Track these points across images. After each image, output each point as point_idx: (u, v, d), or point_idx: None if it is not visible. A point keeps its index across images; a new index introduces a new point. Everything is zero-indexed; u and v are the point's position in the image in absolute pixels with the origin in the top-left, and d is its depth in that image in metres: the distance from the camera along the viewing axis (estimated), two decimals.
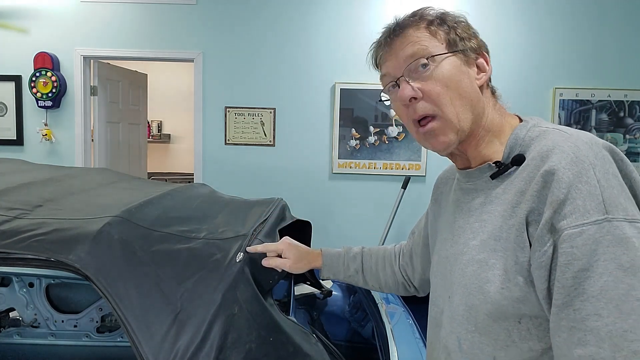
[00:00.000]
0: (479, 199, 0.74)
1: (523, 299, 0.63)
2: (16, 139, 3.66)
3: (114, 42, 3.60)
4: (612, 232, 0.56)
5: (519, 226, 0.64)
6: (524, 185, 0.65)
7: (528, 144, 0.69)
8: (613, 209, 0.57)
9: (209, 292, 0.89)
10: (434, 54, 0.71)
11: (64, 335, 1.87)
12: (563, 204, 0.58)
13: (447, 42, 0.73)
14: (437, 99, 0.71)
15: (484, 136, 0.74)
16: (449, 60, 0.72)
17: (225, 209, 1.32)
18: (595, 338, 0.55)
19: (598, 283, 0.55)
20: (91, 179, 1.49)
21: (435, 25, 0.73)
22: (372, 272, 1.10)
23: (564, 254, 0.57)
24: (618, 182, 0.60)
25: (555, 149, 0.63)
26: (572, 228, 0.57)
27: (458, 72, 0.72)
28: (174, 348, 0.83)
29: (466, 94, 0.72)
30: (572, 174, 0.59)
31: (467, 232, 0.73)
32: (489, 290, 0.66)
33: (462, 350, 0.71)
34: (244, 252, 1.00)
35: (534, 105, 3.50)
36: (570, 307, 0.57)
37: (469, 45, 0.74)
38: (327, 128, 3.60)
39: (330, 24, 3.54)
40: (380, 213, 3.54)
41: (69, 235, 0.92)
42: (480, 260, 0.68)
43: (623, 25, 3.45)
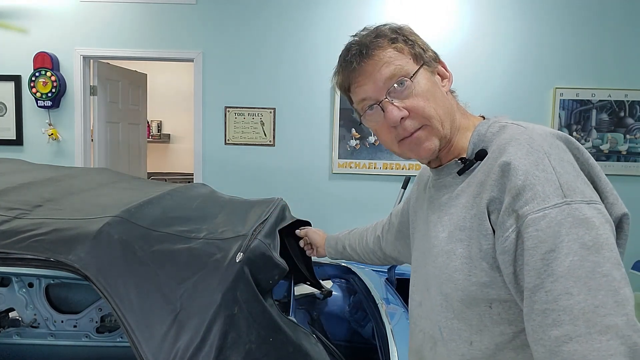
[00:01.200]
0: (448, 194, 0.77)
1: (490, 283, 0.66)
2: (16, 139, 3.65)
3: (114, 42, 3.60)
4: (572, 214, 0.58)
5: (480, 215, 0.67)
6: (484, 176, 0.69)
7: (490, 139, 0.72)
8: (571, 192, 0.60)
9: (208, 292, 0.89)
10: (410, 73, 0.74)
11: (64, 335, 1.87)
12: (522, 191, 0.61)
13: (413, 56, 0.76)
14: (423, 113, 0.74)
15: (454, 136, 0.79)
16: (421, 74, 0.75)
17: (225, 209, 1.32)
18: (569, 317, 0.56)
19: (565, 263, 0.57)
20: (91, 179, 1.49)
21: (399, 41, 0.76)
22: (353, 246, 1.31)
23: (530, 237, 0.59)
24: (573, 168, 0.63)
25: (512, 141, 0.66)
26: (534, 213, 0.59)
27: (431, 83, 0.76)
28: (173, 348, 0.83)
29: (442, 102, 0.76)
30: (528, 162, 0.62)
31: (438, 226, 0.76)
32: (458, 278, 0.69)
33: (444, 338, 0.75)
34: (243, 252, 1.00)
35: (534, 105, 3.50)
36: (541, 290, 0.58)
37: (429, 55, 0.78)
38: (327, 128, 3.60)
39: (330, 24, 3.54)
40: (380, 213, 3.53)
41: (68, 235, 0.92)
42: (448, 250, 0.71)
43: (623, 25, 3.45)
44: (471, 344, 0.70)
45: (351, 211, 3.65)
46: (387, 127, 0.76)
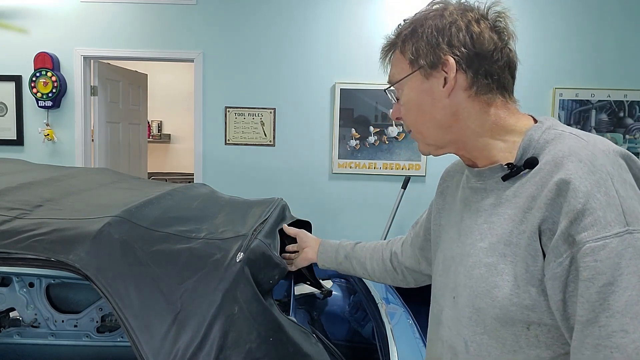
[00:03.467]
0: (489, 199, 0.71)
1: (533, 307, 0.62)
2: (16, 139, 3.66)
3: (114, 42, 3.60)
4: (633, 244, 0.54)
5: (530, 234, 0.62)
6: (536, 190, 0.63)
7: (542, 147, 0.66)
8: (633, 220, 0.56)
9: (209, 292, 0.89)
10: (396, 81, 0.75)
11: (64, 335, 1.87)
12: (582, 215, 0.56)
13: (410, 60, 0.73)
14: (405, 121, 0.77)
15: (477, 139, 0.72)
16: (409, 83, 0.74)
17: (225, 209, 1.32)
18: (622, 355, 0.53)
19: (623, 298, 0.54)
20: (91, 179, 1.49)
21: (407, 42, 0.73)
22: (360, 260, 1.13)
23: (587, 268, 0.55)
24: (635, 192, 0.58)
25: (571, 156, 0.60)
26: (594, 241, 0.55)
27: (417, 93, 0.73)
28: (174, 348, 0.83)
29: (427, 112, 0.73)
30: (589, 184, 0.57)
31: (475, 233, 0.71)
32: (497, 296, 0.65)
33: (469, 352, 0.71)
34: (244, 252, 1.00)
35: (534, 105, 3.50)
36: (595, 324, 0.55)
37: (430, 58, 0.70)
38: (327, 128, 3.61)
39: (330, 24, 3.54)
40: (380, 213, 3.54)
41: (69, 235, 0.92)
42: (488, 264, 0.67)
43: (623, 25, 3.45)
44: None
45: (351, 211, 3.65)
46: None
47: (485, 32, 0.69)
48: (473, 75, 0.70)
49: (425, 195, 3.59)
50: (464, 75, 0.70)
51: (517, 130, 0.71)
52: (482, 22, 0.70)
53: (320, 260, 1.18)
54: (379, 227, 3.44)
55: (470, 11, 0.71)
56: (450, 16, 0.70)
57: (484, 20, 0.70)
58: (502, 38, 0.70)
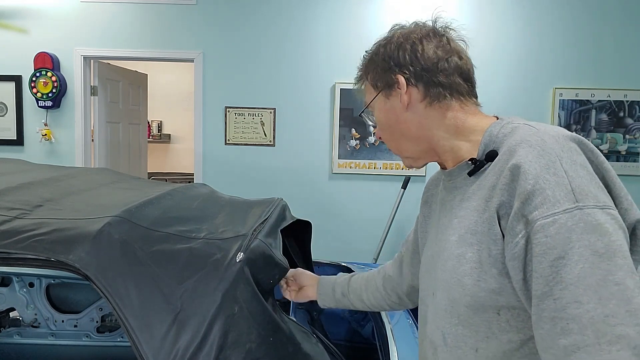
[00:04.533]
0: (458, 196, 0.76)
1: (499, 290, 0.65)
2: (16, 139, 3.66)
3: (114, 42, 3.60)
4: (584, 219, 0.57)
5: (490, 219, 0.65)
6: (495, 179, 0.67)
7: (501, 141, 0.70)
8: (583, 197, 0.58)
9: (209, 292, 0.89)
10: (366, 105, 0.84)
11: (64, 335, 1.87)
12: (532, 195, 0.59)
13: (373, 86, 0.83)
14: (383, 140, 0.85)
15: (443, 144, 0.78)
16: (376, 105, 0.83)
17: (225, 209, 1.32)
18: (577, 326, 0.55)
19: (575, 270, 0.55)
20: (91, 179, 1.49)
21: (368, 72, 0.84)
22: (357, 293, 1.12)
23: (538, 244, 0.58)
24: (586, 172, 0.61)
25: (522, 143, 0.65)
26: (544, 218, 0.58)
27: (383, 112, 0.81)
28: (174, 348, 0.83)
29: (395, 128, 0.81)
30: (538, 166, 0.60)
31: (449, 229, 0.75)
32: (467, 283, 0.68)
33: (447, 344, 0.73)
34: (244, 252, 1.00)
35: (534, 105, 3.51)
36: (550, 297, 0.57)
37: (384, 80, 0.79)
38: (327, 128, 3.61)
39: (330, 24, 3.54)
40: (380, 213, 3.54)
41: (69, 235, 0.92)
42: (458, 254, 0.70)
43: (623, 25, 3.45)
44: (477, 350, 0.69)
45: (351, 211, 3.65)
46: None
47: (428, 48, 0.77)
48: (424, 87, 0.77)
49: None
50: (416, 89, 0.77)
51: (479, 129, 0.76)
52: (424, 40, 0.77)
53: (321, 301, 1.17)
54: (379, 227, 3.44)
55: (413, 33, 0.79)
56: (396, 41, 0.79)
57: (426, 37, 0.78)
58: (446, 50, 0.77)
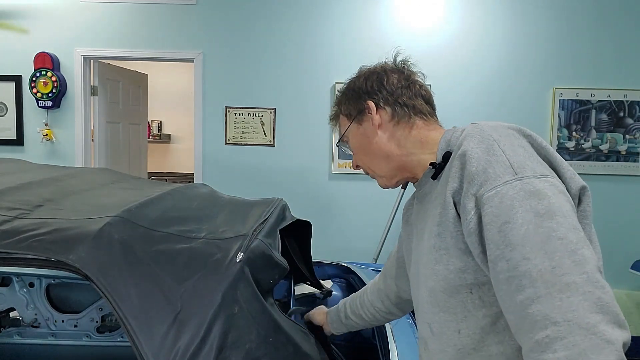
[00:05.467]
0: (429, 201, 0.82)
1: (464, 268, 0.70)
2: (16, 139, 3.66)
3: (114, 42, 3.60)
4: (524, 187, 0.63)
5: (448, 205, 0.71)
6: (448, 172, 0.74)
7: (454, 143, 0.78)
8: (521, 170, 0.65)
9: (209, 292, 0.89)
10: (340, 136, 0.95)
11: (64, 335, 1.87)
12: (476, 175, 0.66)
13: (347, 116, 0.93)
14: (360, 165, 0.94)
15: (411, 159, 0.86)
16: (351, 134, 0.93)
17: (225, 209, 1.32)
18: (529, 280, 0.59)
19: (520, 231, 0.60)
20: (91, 179, 1.49)
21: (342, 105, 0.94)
22: (357, 313, 1.18)
23: (486, 214, 0.64)
24: (524, 150, 0.68)
25: (467, 137, 0.73)
26: (488, 192, 0.64)
27: (357, 138, 0.91)
28: (174, 348, 0.83)
29: (369, 150, 0.89)
30: (479, 150, 0.68)
31: (425, 232, 0.80)
32: (439, 270, 0.73)
33: (433, 334, 0.78)
34: (244, 252, 1.00)
35: (534, 105, 3.50)
36: (502, 259, 0.62)
37: (355, 108, 0.90)
38: (327, 128, 3.60)
39: (330, 24, 3.54)
40: (380, 213, 3.54)
41: (69, 235, 0.92)
42: (430, 246, 0.75)
43: (623, 25, 3.45)
44: (459, 332, 0.73)
45: (351, 211, 3.65)
46: None
47: (392, 77, 0.89)
48: (391, 108, 0.87)
49: None
50: (384, 111, 0.87)
51: (437, 138, 0.84)
52: (388, 71, 0.90)
53: (335, 330, 1.22)
54: (379, 227, 3.44)
55: (378, 67, 0.92)
56: (364, 75, 0.92)
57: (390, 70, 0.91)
58: (407, 78, 0.89)
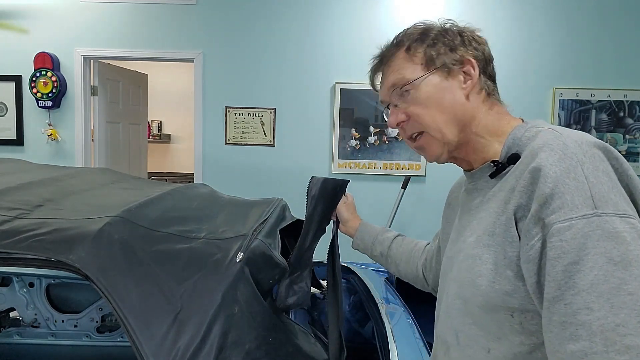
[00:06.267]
0: (479, 198, 0.76)
1: (512, 292, 0.64)
2: (16, 139, 3.66)
3: (114, 42, 3.60)
4: (601, 226, 0.56)
5: (507, 221, 0.65)
6: (515, 181, 0.67)
7: (525, 144, 0.70)
8: (602, 204, 0.57)
9: (209, 292, 0.89)
10: (410, 81, 0.77)
11: (64, 335, 1.87)
12: (550, 199, 0.59)
13: (425, 61, 0.77)
14: (419, 120, 0.78)
15: (479, 140, 0.77)
16: (426, 80, 0.77)
17: (225, 209, 1.32)
18: (587, 332, 0.54)
19: (588, 277, 0.55)
20: (91, 179, 1.49)
21: (413, 48, 0.78)
22: (395, 261, 1.16)
23: (553, 247, 0.57)
24: (609, 179, 0.60)
25: (544, 146, 0.64)
26: (560, 222, 0.57)
27: (437, 90, 0.76)
28: (174, 348, 0.83)
29: (448, 109, 0.76)
30: (559, 170, 0.60)
31: (467, 230, 0.75)
32: (481, 284, 0.67)
33: (459, 344, 0.73)
34: (244, 252, 1.00)
35: (534, 105, 3.50)
36: (561, 302, 0.56)
37: (450, 58, 0.77)
38: (327, 128, 3.61)
39: (331, 24, 3.54)
40: (380, 213, 3.54)
41: (69, 235, 0.92)
42: (474, 255, 0.70)
43: (623, 25, 3.45)
44: (489, 351, 0.68)
45: None
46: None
47: (482, 40, 0.79)
48: (484, 77, 0.78)
49: (426, 195, 3.59)
50: (479, 77, 0.77)
51: (507, 130, 0.76)
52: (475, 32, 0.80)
53: (355, 245, 1.22)
54: None
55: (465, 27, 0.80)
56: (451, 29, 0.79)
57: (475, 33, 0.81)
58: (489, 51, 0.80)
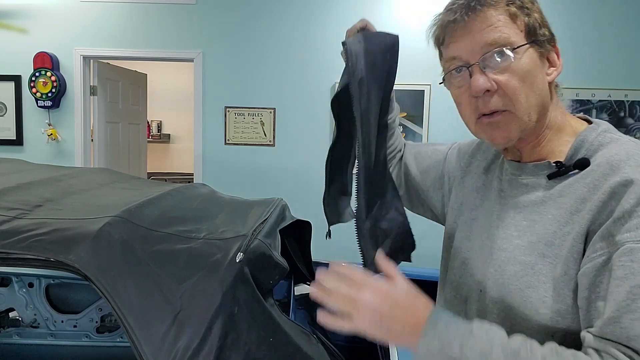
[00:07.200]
0: (529, 196, 0.68)
1: (565, 312, 0.60)
2: (16, 139, 3.65)
3: (114, 42, 3.60)
4: None
5: (576, 236, 0.59)
6: (587, 192, 0.61)
7: (596, 149, 0.64)
8: None
9: (209, 292, 0.89)
10: (515, 45, 0.64)
11: (64, 335, 1.87)
12: (628, 216, 0.54)
13: (527, 29, 0.66)
14: (512, 94, 0.65)
15: (543, 134, 0.70)
16: (528, 51, 0.66)
17: (225, 209, 1.32)
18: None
19: None
20: (91, 179, 1.49)
21: (516, 6, 0.66)
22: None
23: (622, 267, 0.53)
24: None
25: (629, 160, 0.59)
26: (634, 242, 0.53)
27: (535, 66, 0.67)
28: (173, 348, 0.83)
29: (539, 90, 0.67)
30: None
31: (511, 228, 0.68)
32: (530, 296, 0.62)
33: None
34: (244, 252, 1.00)
35: None
36: (617, 324, 0.52)
37: (544, 34, 0.68)
38: (327, 128, 3.60)
39: (331, 24, 3.54)
40: None
41: (69, 235, 0.92)
42: (524, 262, 0.64)
43: (624, 24, 3.44)
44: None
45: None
46: (469, 97, 0.68)
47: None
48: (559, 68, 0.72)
49: None
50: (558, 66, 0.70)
51: (569, 129, 0.70)
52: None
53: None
54: None
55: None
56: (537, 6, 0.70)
57: None
58: None
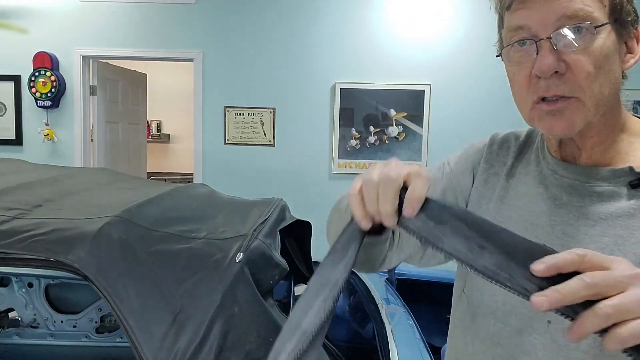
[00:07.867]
0: (608, 207, 0.58)
1: None
2: (15, 139, 3.65)
3: (113, 42, 3.60)
4: None
5: None
6: None
7: None
8: None
9: (208, 293, 0.89)
10: (598, 23, 0.53)
11: (63, 335, 1.87)
12: None
13: (612, 4, 0.55)
14: (584, 80, 0.54)
15: (608, 132, 0.60)
16: (608, 32, 0.54)
17: (225, 209, 1.32)
18: None
19: None
20: (91, 179, 1.49)
21: None
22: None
23: None
24: None
25: None
26: None
27: (614, 50, 0.55)
28: (173, 348, 0.83)
29: (614, 80, 0.57)
30: None
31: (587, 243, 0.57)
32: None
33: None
34: (243, 252, 1.00)
35: None
36: None
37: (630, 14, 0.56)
38: (327, 128, 3.60)
39: (331, 24, 3.54)
40: None
41: (68, 235, 0.92)
42: None
43: None
44: None
45: None
46: (528, 76, 0.57)
47: None
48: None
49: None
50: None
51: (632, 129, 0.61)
52: None
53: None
54: None
55: None
56: None
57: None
58: None
